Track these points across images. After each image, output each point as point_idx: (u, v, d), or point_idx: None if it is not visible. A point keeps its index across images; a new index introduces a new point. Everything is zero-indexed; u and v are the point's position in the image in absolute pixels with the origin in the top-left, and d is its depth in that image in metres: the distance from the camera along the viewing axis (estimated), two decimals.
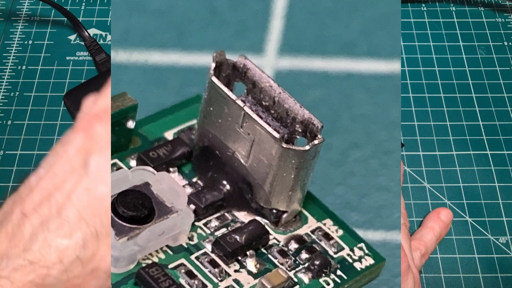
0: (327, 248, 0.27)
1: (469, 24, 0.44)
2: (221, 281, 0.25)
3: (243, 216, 0.27)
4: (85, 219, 0.23)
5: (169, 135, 0.28)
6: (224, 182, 0.27)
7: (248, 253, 0.26)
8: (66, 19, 0.43)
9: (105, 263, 0.23)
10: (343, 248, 0.27)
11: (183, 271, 0.25)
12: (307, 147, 0.25)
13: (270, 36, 0.36)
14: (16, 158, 0.37)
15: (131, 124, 0.27)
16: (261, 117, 0.26)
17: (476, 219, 0.36)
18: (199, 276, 0.25)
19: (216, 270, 0.25)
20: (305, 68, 0.35)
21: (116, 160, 0.27)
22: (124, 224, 0.24)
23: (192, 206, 0.26)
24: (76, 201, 0.23)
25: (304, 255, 0.26)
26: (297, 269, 0.26)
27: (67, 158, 0.24)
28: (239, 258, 0.26)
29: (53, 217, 0.23)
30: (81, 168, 0.23)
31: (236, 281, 0.25)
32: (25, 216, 0.23)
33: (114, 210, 0.24)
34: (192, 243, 0.26)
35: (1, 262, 0.22)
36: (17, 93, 0.40)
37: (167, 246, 0.25)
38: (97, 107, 0.25)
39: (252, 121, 0.25)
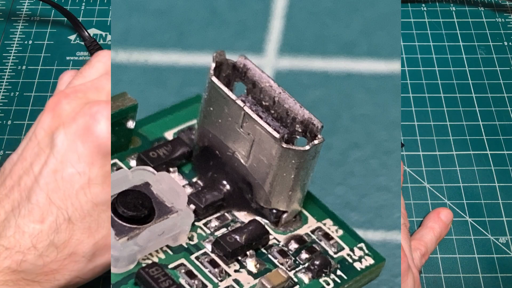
0: (327, 248, 0.27)
1: (469, 24, 0.44)
2: (221, 281, 0.25)
3: (243, 216, 0.27)
4: (55, 203, 0.22)
5: (169, 135, 0.28)
6: (224, 182, 0.27)
7: (248, 253, 0.26)
8: (66, 19, 0.43)
9: (81, 247, 0.23)
10: (343, 248, 0.27)
11: (183, 271, 0.25)
12: (307, 147, 0.25)
13: (270, 36, 0.36)
14: None
15: (131, 124, 0.27)
16: (261, 117, 0.26)
17: (476, 219, 0.36)
18: (199, 276, 0.25)
19: (216, 270, 0.25)
20: (305, 68, 0.35)
21: (116, 160, 0.27)
22: (124, 224, 0.24)
23: (192, 206, 0.26)
24: (43, 184, 0.22)
25: (304, 255, 0.26)
26: (297, 269, 0.26)
27: (36, 140, 0.23)
28: (239, 258, 0.26)
29: (23, 202, 0.22)
30: (48, 148, 0.23)
31: (236, 281, 0.25)
32: None
33: (114, 210, 0.24)
34: (192, 243, 0.26)
35: None
36: (17, 93, 0.40)
37: (167, 246, 0.25)
38: (68, 86, 0.25)
39: (252, 121, 0.25)
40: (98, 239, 0.23)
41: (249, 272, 0.26)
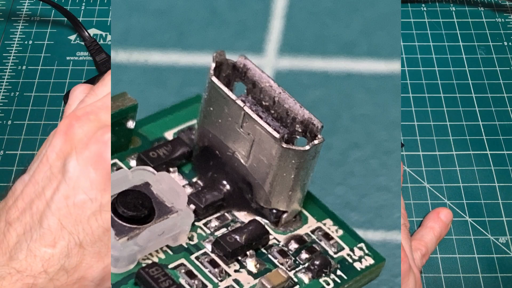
0: (327, 248, 0.27)
1: (469, 24, 0.44)
2: (221, 281, 0.25)
3: (243, 216, 0.27)
4: (66, 228, 0.22)
5: (169, 135, 0.28)
6: (224, 182, 0.27)
7: (248, 253, 0.26)
8: (66, 19, 0.43)
9: (91, 271, 0.23)
10: (343, 248, 0.27)
11: (183, 271, 0.25)
12: (307, 147, 0.25)
13: (270, 36, 0.36)
14: (16, 158, 0.37)
15: (131, 124, 0.27)
16: (261, 117, 0.26)
17: (476, 219, 0.36)
18: (199, 276, 0.25)
19: (216, 270, 0.25)
20: (305, 68, 0.35)
21: (116, 160, 0.27)
22: (124, 224, 0.24)
23: (192, 206, 0.26)
24: (55, 209, 0.22)
25: (304, 255, 0.26)
26: (297, 269, 0.26)
27: (47, 163, 0.23)
28: (239, 258, 0.26)
29: (35, 226, 0.22)
30: (60, 174, 0.23)
31: (236, 281, 0.25)
32: (9, 224, 0.22)
33: (114, 210, 0.24)
34: (192, 243, 0.26)
35: None
36: (17, 93, 0.40)
37: (167, 246, 0.25)
38: (83, 105, 0.24)
39: (252, 121, 0.25)
40: (107, 264, 0.23)
41: (249, 272, 0.26)
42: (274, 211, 0.27)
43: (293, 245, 0.26)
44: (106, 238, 0.23)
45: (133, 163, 0.27)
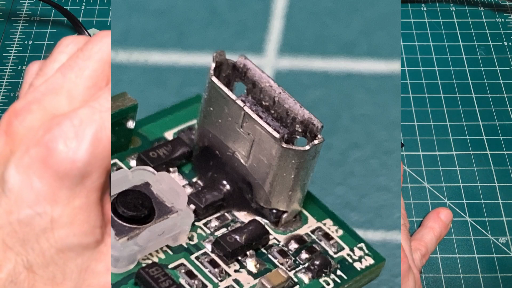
0: (327, 248, 0.27)
1: (469, 24, 0.44)
2: (221, 281, 0.25)
3: (243, 216, 0.27)
4: (13, 249, 0.18)
5: (169, 135, 0.28)
6: (224, 182, 0.27)
7: (248, 253, 0.26)
8: (66, 19, 0.43)
9: None
10: (343, 248, 0.27)
11: (183, 271, 0.25)
12: (307, 147, 0.25)
13: (270, 36, 0.36)
14: None
15: (131, 124, 0.27)
16: (261, 117, 0.26)
17: (476, 219, 0.36)
18: (199, 276, 0.25)
19: (216, 270, 0.25)
20: (305, 68, 0.35)
21: (116, 160, 0.27)
22: (124, 224, 0.24)
23: (192, 206, 0.26)
24: None
25: (304, 255, 0.26)
26: (297, 269, 0.26)
27: None
28: (239, 258, 0.26)
29: None
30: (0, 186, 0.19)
31: (236, 281, 0.25)
32: None
33: (114, 210, 0.24)
34: (192, 243, 0.26)
35: None
36: (17, 93, 0.40)
37: (167, 246, 0.25)
38: (32, 90, 0.20)
39: (252, 121, 0.25)
40: None
41: (249, 272, 0.26)
42: (274, 211, 0.27)
43: (293, 245, 0.26)
44: (61, 261, 0.19)
45: (133, 163, 0.27)
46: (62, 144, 0.18)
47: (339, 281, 0.26)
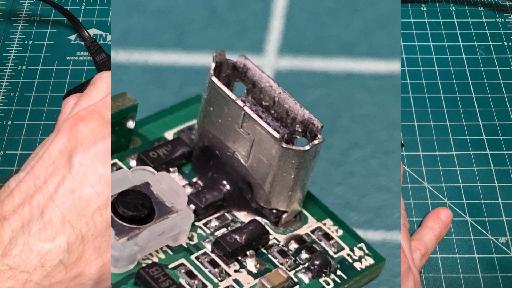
0: (327, 248, 0.27)
1: (469, 24, 0.44)
2: (221, 281, 0.25)
3: (243, 216, 0.27)
4: (69, 221, 0.22)
5: (169, 135, 0.28)
6: (224, 182, 0.27)
7: (248, 253, 0.26)
8: (66, 19, 0.43)
9: (90, 268, 0.22)
10: (343, 248, 0.27)
11: (183, 271, 0.25)
12: (307, 147, 0.25)
13: (270, 36, 0.36)
14: (16, 158, 0.37)
15: (131, 124, 0.27)
16: (261, 117, 0.26)
17: (476, 219, 0.36)
18: (199, 276, 0.25)
19: (216, 270, 0.25)
20: (305, 68, 0.35)
21: (116, 160, 0.27)
22: (124, 224, 0.24)
23: (192, 206, 0.26)
24: (59, 202, 0.22)
25: (304, 255, 0.26)
26: (297, 269, 0.26)
27: (49, 159, 0.23)
28: (239, 258, 0.26)
29: (35, 219, 0.22)
30: (64, 169, 0.23)
31: (236, 281, 0.25)
32: (4, 219, 0.22)
33: (114, 210, 0.24)
34: (192, 243, 0.26)
35: None
36: (17, 93, 0.40)
37: (167, 246, 0.25)
38: (79, 108, 0.25)
39: (252, 121, 0.25)
40: (106, 261, 0.23)
41: (249, 272, 0.26)
42: (274, 211, 0.27)
43: (293, 245, 0.26)
44: (107, 234, 0.23)
45: (133, 163, 0.27)
46: None
47: (339, 281, 0.26)
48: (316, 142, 0.25)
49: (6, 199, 0.23)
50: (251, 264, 0.26)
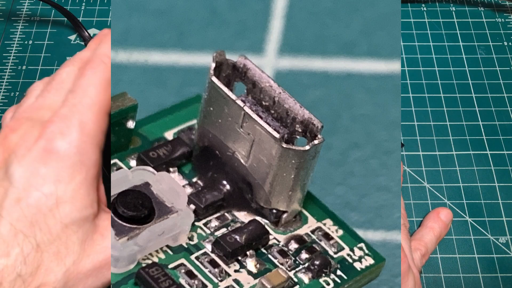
0: (327, 248, 0.27)
1: (469, 24, 0.44)
2: (221, 281, 0.25)
3: (243, 216, 0.27)
4: (22, 231, 0.21)
5: (169, 135, 0.28)
6: (224, 182, 0.27)
7: (248, 253, 0.26)
8: (66, 19, 0.43)
9: (52, 277, 0.21)
10: (343, 248, 0.27)
11: (183, 271, 0.25)
12: (307, 147, 0.25)
13: (270, 36, 0.36)
14: None
15: (131, 124, 0.27)
16: (261, 117, 0.26)
17: (476, 219, 0.36)
18: (199, 276, 0.25)
19: (216, 270, 0.25)
20: (305, 68, 0.35)
21: (116, 160, 0.27)
22: (124, 224, 0.24)
23: (192, 206, 0.26)
24: (6, 214, 0.21)
25: (304, 255, 0.26)
26: (297, 269, 0.26)
27: None
28: (239, 258, 0.26)
29: None
30: (4, 181, 0.22)
31: (236, 281, 0.25)
32: None
33: (114, 210, 0.24)
34: (192, 243, 0.26)
35: None
36: (17, 93, 0.40)
37: (167, 246, 0.25)
38: (10, 119, 0.24)
39: (252, 121, 0.25)
40: (69, 266, 0.22)
41: (249, 272, 0.26)
42: (274, 211, 0.27)
43: (293, 245, 0.26)
44: (64, 235, 0.22)
45: (133, 163, 0.27)
46: (58, 134, 0.22)
47: (339, 281, 0.26)
48: (316, 142, 0.25)
49: None
50: (251, 264, 0.26)
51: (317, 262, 0.26)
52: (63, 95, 0.24)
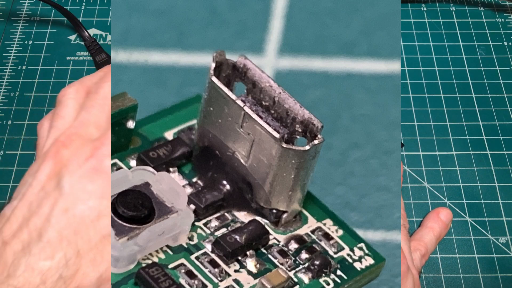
0: (327, 248, 0.27)
1: (469, 24, 0.44)
2: (221, 281, 0.25)
3: (243, 216, 0.27)
4: (66, 238, 0.23)
5: (169, 135, 0.28)
6: (224, 182, 0.27)
7: (248, 253, 0.26)
8: (66, 19, 0.43)
9: (87, 280, 0.24)
10: (343, 248, 0.27)
11: (183, 271, 0.25)
12: (307, 147, 0.25)
13: (270, 36, 0.36)
14: (16, 158, 0.37)
15: (131, 124, 0.27)
16: (261, 117, 0.26)
17: (476, 219, 0.36)
18: (199, 276, 0.25)
19: (216, 270, 0.25)
20: (305, 68, 0.35)
21: (116, 160, 0.27)
22: (124, 224, 0.24)
23: (192, 206, 0.26)
24: (55, 222, 0.23)
25: (304, 255, 0.26)
26: (297, 269, 0.26)
27: (39, 186, 0.24)
28: (239, 258, 0.26)
29: (34, 241, 0.23)
30: (55, 192, 0.24)
31: (236, 281, 0.25)
32: (5, 243, 0.23)
33: (114, 210, 0.24)
34: (192, 243, 0.26)
35: None
36: (17, 93, 0.40)
37: (167, 246, 0.25)
38: (56, 131, 0.26)
39: (252, 121, 0.25)
40: (102, 272, 0.24)
41: (249, 272, 0.26)
42: (274, 211, 0.27)
43: (293, 245, 0.26)
44: (101, 245, 0.24)
45: (133, 163, 0.27)
46: (106, 155, 0.24)
47: (339, 281, 0.26)
48: (316, 142, 0.25)
49: (4, 226, 0.24)
50: (251, 264, 0.26)
51: (317, 262, 0.26)
52: (107, 111, 0.26)
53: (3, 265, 0.23)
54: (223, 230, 0.26)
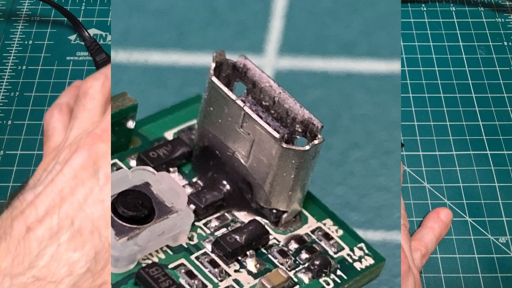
0: (327, 248, 0.27)
1: (469, 24, 0.44)
2: (221, 281, 0.25)
3: (243, 216, 0.27)
4: (98, 230, 0.23)
5: (169, 135, 0.28)
6: (224, 182, 0.27)
7: (248, 253, 0.26)
8: (66, 19, 0.43)
9: None
10: (343, 248, 0.27)
11: (183, 271, 0.25)
12: (307, 147, 0.25)
13: (270, 36, 0.36)
14: (16, 158, 0.37)
15: (131, 124, 0.27)
16: (261, 117, 0.26)
17: (476, 219, 0.36)
18: (199, 276, 0.25)
19: (216, 270, 0.25)
20: (305, 68, 0.35)
21: (116, 160, 0.27)
22: (124, 224, 0.24)
23: (192, 206, 0.26)
24: (89, 212, 0.23)
25: (304, 255, 0.26)
26: (297, 269, 0.26)
27: (71, 173, 0.24)
28: (239, 258, 0.26)
29: (65, 229, 0.22)
30: (90, 182, 0.23)
31: (236, 281, 0.25)
32: (29, 229, 0.22)
33: (114, 210, 0.24)
34: (192, 243, 0.26)
35: (2, 281, 0.21)
36: (17, 93, 0.40)
37: (167, 246, 0.25)
38: (83, 125, 0.26)
39: (252, 121, 0.25)
40: None
41: (249, 272, 0.26)
42: (274, 211, 0.27)
43: (293, 245, 0.26)
44: None
45: (133, 163, 0.27)
46: None
47: (339, 281, 0.26)
48: (316, 142, 0.25)
49: (26, 209, 0.23)
50: (251, 264, 0.26)
51: (317, 262, 0.26)
52: None
53: (26, 253, 0.22)
54: (223, 230, 0.26)
